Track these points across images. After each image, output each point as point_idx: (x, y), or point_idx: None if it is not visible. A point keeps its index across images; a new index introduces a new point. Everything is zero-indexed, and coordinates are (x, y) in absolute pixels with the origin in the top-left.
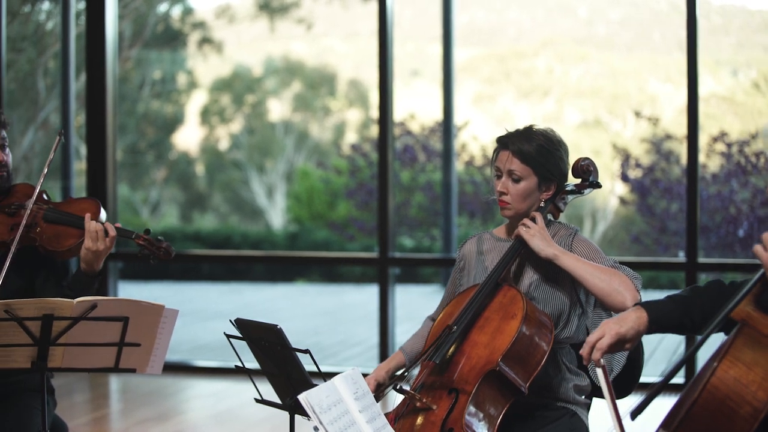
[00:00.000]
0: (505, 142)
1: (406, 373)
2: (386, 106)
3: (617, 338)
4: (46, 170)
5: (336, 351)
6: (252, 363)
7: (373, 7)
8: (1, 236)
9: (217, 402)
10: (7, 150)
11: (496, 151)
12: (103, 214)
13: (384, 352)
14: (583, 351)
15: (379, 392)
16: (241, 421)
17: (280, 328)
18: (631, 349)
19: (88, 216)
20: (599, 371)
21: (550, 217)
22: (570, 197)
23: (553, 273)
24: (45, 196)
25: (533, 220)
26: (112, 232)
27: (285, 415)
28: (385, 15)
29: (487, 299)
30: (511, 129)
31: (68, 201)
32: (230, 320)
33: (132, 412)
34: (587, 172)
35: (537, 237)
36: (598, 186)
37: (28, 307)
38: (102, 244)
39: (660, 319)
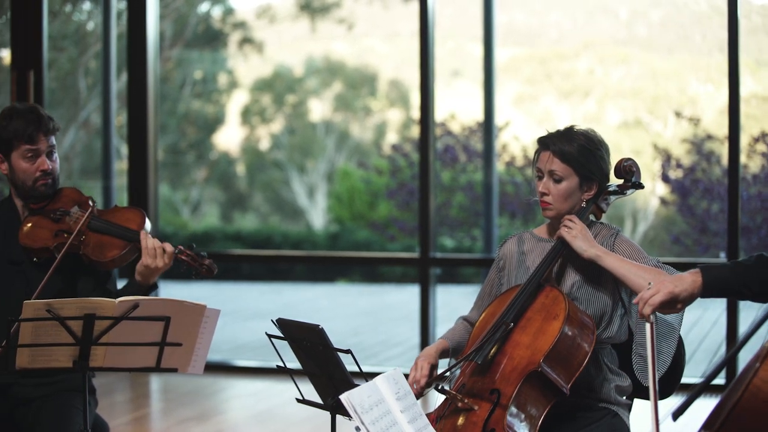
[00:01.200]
0: (545, 142)
1: (448, 373)
2: (427, 106)
3: (670, 297)
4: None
5: (377, 351)
6: (293, 363)
7: (414, 8)
8: (44, 241)
9: (257, 402)
10: (55, 156)
11: (537, 152)
12: (148, 224)
13: None
14: (637, 305)
15: (432, 376)
16: (281, 421)
17: (322, 328)
18: (682, 310)
19: (144, 233)
20: (647, 326)
21: (592, 217)
22: (612, 198)
23: (595, 273)
24: (90, 202)
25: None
26: (169, 249)
27: (325, 415)
28: (426, 15)
29: (529, 300)
30: (552, 130)
31: (113, 210)
32: (272, 320)
33: (172, 411)
34: (630, 173)
35: (579, 238)
36: (641, 187)
37: (70, 306)
38: (161, 261)
39: (714, 284)
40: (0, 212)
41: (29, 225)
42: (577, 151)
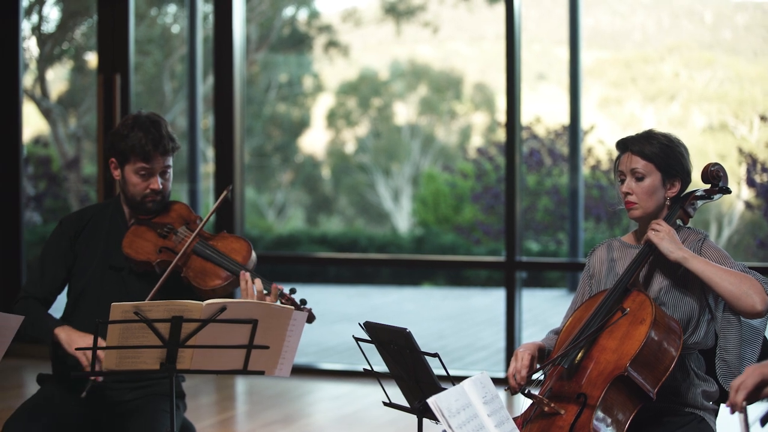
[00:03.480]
0: (625, 144)
1: (542, 377)
2: (513, 110)
3: (761, 378)
4: (208, 217)
5: (462, 355)
6: (379, 366)
7: (499, 11)
8: (147, 255)
9: (342, 405)
10: (169, 175)
11: (618, 157)
12: (253, 257)
13: (510, 357)
14: (721, 310)
15: (532, 368)
16: (366, 424)
17: (409, 332)
18: None
19: (244, 274)
20: (740, 417)
21: (679, 222)
22: (699, 202)
23: (682, 278)
24: (198, 222)
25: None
26: (273, 298)
27: (410, 418)
28: (512, 18)
29: (616, 304)
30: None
31: (221, 236)
32: (359, 323)
33: (258, 414)
34: (717, 178)
35: (666, 240)
36: (728, 191)
37: (158, 308)
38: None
39: None
40: (106, 213)
41: (134, 235)
42: (657, 148)
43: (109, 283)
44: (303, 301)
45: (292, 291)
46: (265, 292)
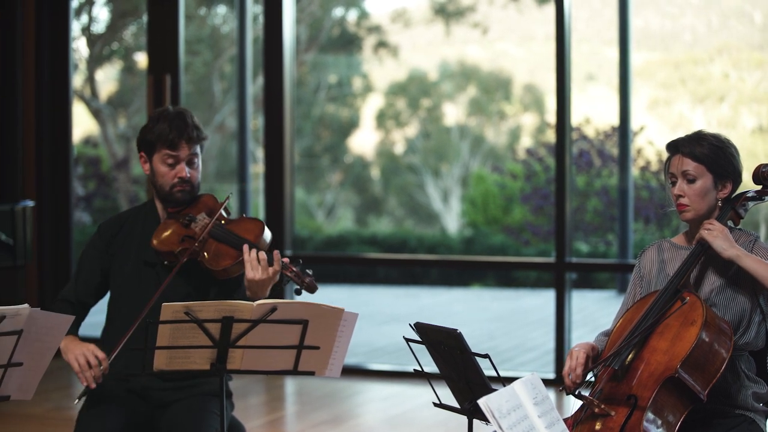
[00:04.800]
0: (675, 146)
1: (592, 378)
2: (563, 111)
3: None
4: (224, 202)
5: (511, 356)
6: (429, 366)
7: (549, 11)
8: (171, 246)
9: (391, 406)
10: (197, 164)
11: (668, 159)
12: (267, 235)
13: (560, 358)
14: None
15: (587, 366)
16: (415, 425)
17: (460, 333)
18: None
19: (245, 247)
20: None
21: (730, 223)
22: (751, 204)
23: (733, 279)
24: (224, 212)
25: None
26: (277, 266)
27: (460, 419)
28: (562, 19)
29: (666, 305)
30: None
31: (239, 220)
32: (409, 324)
33: (307, 414)
34: None
35: (720, 238)
36: None
37: (208, 309)
38: (263, 273)
39: None
40: (142, 213)
41: (161, 228)
42: (707, 149)
43: (145, 280)
44: (307, 273)
45: (296, 262)
46: (270, 265)
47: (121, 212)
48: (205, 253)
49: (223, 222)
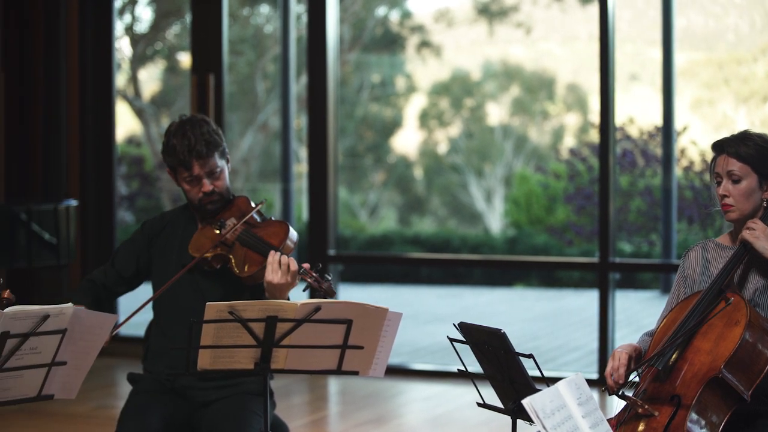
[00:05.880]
0: (720, 146)
1: (636, 379)
2: (607, 110)
3: None
4: (254, 209)
5: (555, 356)
6: (473, 366)
7: (592, 11)
8: (203, 251)
9: (434, 405)
10: (218, 172)
11: (714, 159)
12: (292, 237)
13: (603, 358)
14: None
15: (630, 367)
16: (458, 425)
17: (504, 333)
18: None
19: (271, 253)
20: None
21: None
22: None
23: None
24: (256, 217)
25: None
26: (294, 267)
27: (503, 419)
28: (606, 18)
29: (710, 305)
30: (728, 135)
31: (266, 223)
32: (454, 324)
33: (351, 414)
34: None
35: (762, 238)
36: None
37: (252, 308)
38: (282, 278)
39: None
40: (185, 215)
41: (198, 235)
42: (753, 149)
43: (184, 285)
44: (326, 278)
45: (316, 268)
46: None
47: (165, 212)
48: (233, 259)
49: (252, 225)
